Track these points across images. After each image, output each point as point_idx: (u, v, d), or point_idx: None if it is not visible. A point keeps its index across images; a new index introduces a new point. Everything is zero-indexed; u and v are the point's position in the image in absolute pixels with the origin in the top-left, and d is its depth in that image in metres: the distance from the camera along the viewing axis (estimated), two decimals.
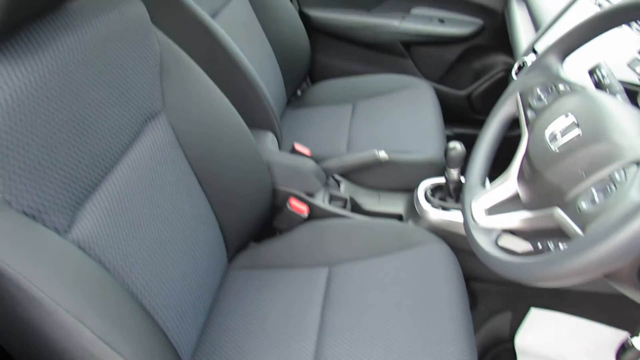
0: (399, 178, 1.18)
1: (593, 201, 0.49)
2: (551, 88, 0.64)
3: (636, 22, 0.90)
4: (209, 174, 0.86)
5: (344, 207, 1.09)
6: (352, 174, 1.19)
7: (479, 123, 1.74)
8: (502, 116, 0.71)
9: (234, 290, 0.92)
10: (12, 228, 0.49)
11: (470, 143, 1.28)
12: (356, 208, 1.12)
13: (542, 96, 0.65)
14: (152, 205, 0.71)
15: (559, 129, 0.58)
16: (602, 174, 0.51)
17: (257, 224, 1.00)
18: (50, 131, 0.56)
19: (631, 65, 0.81)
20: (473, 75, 1.69)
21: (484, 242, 0.60)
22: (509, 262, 0.54)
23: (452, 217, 0.99)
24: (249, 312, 0.86)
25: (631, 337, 0.48)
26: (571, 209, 0.51)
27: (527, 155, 0.61)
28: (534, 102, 0.65)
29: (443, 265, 0.87)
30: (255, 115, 1.14)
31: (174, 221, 0.75)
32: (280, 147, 1.20)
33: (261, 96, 1.12)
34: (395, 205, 1.12)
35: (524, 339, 1.04)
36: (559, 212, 0.53)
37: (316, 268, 0.92)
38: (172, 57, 0.80)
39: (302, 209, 1.01)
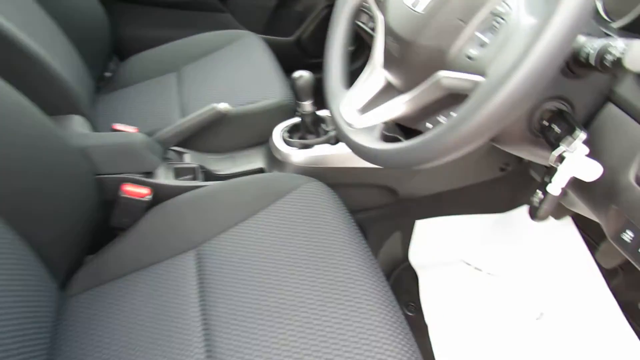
0: (250, 132, 1.03)
1: (483, 44, 0.41)
2: None
3: None
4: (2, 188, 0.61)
5: (194, 178, 0.90)
6: (196, 141, 1.00)
7: (314, 67, 1.68)
8: (348, 8, 0.61)
9: (79, 320, 0.69)
10: None
11: None
12: (210, 176, 0.94)
13: None
14: None
15: None
16: (483, 13, 0.43)
17: (86, 230, 0.76)
18: None
19: None
20: (297, 20, 1.60)
21: (368, 142, 0.49)
22: (407, 147, 0.43)
23: (318, 152, 0.88)
24: (107, 335, 0.65)
25: (540, 188, 0.42)
26: (460, 62, 0.43)
27: (389, 33, 0.52)
28: None
29: (324, 203, 0.76)
30: (51, 101, 0.88)
31: None
32: None
33: (52, 75, 0.87)
34: (254, 160, 0.97)
35: (417, 253, 1.02)
36: (447, 74, 0.43)
37: (180, 256, 0.74)
38: None
39: (142, 192, 0.80)
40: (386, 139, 0.62)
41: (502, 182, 1.01)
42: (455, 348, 0.89)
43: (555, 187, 0.42)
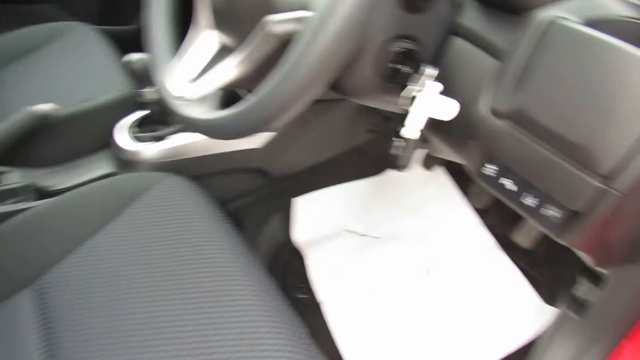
0: (89, 135, 0.88)
1: None
2: None
3: None
4: None
5: (23, 200, 0.74)
6: (20, 155, 0.82)
7: None
8: None
9: None
10: None
11: None
12: (44, 195, 0.78)
13: None
14: None
15: None
16: None
17: None
18: None
19: None
20: (137, 5, 1.43)
21: (200, 113, 0.41)
22: (242, 111, 0.36)
23: (173, 143, 0.78)
24: None
25: (398, 136, 0.39)
26: (286, 0, 0.35)
27: None
28: None
29: (185, 199, 0.67)
30: None
31: None
32: None
33: None
34: (99, 167, 0.83)
35: (300, 232, 0.98)
36: (274, 17, 0.36)
37: (8, 300, 0.60)
38: None
39: None
40: None
41: (373, 144, 0.99)
42: (351, 320, 0.86)
43: (411, 130, 0.39)
